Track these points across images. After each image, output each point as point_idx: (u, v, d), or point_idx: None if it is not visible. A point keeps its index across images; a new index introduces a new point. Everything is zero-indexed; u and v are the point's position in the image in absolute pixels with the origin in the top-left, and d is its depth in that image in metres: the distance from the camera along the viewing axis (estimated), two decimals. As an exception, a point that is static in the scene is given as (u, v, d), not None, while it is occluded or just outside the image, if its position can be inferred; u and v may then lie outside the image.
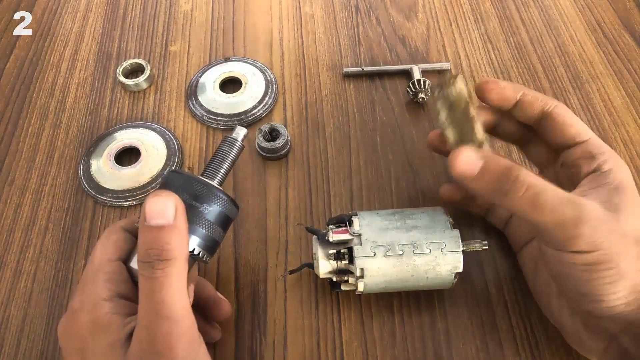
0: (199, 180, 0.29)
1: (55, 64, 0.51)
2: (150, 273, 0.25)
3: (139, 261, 0.25)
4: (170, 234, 0.25)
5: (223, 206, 0.29)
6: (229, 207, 0.30)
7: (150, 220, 0.25)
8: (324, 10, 0.55)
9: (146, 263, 0.25)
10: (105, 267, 0.28)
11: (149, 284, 0.25)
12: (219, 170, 0.31)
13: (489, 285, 0.37)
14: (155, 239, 0.25)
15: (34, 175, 0.43)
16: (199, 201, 0.29)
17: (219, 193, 0.29)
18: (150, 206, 0.25)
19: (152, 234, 0.25)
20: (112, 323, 0.26)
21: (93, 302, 0.26)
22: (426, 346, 0.34)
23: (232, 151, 0.32)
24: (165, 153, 0.44)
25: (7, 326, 0.36)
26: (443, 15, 0.54)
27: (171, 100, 0.48)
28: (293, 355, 0.34)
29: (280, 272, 0.38)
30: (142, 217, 0.25)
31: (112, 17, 0.55)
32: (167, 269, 0.25)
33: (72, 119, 0.47)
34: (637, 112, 0.46)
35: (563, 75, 0.49)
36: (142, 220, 0.25)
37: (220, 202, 0.29)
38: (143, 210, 0.26)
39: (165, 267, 0.25)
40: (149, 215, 0.25)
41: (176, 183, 0.29)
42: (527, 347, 0.34)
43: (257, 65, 0.50)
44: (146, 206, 0.25)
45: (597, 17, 0.53)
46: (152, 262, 0.25)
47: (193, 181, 0.29)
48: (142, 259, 0.25)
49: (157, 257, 0.25)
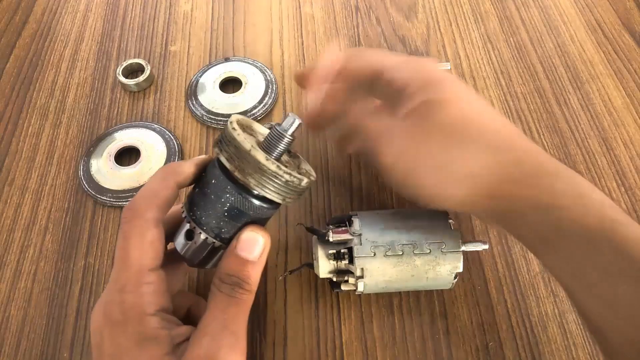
0: (235, 190, 0.28)
1: (55, 64, 0.51)
2: (229, 292, 0.27)
3: (217, 278, 0.28)
4: (253, 269, 0.28)
5: (258, 213, 0.29)
6: (264, 212, 0.29)
7: (240, 251, 0.28)
8: (324, 10, 0.55)
9: (226, 284, 0.27)
10: (146, 277, 0.27)
11: (225, 300, 0.27)
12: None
13: (489, 285, 0.37)
14: (240, 268, 0.28)
15: (34, 175, 0.43)
16: (234, 210, 0.28)
17: (254, 202, 0.28)
18: (247, 237, 0.28)
19: (237, 262, 0.28)
20: (161, 335, 0.26)
21: (138, 316, 0.26)
22: (426, 346, 0.34)
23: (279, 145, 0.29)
24: (165, 153, 0.44)
25: (7, 326, 0.36)
26: (443, 15, 0.54)
27: (171, 100, 0.48)
28: (293, 355, 0.34)
29: (280, 272, 0.38)
30: (233, 242, 0.28)
31: (112, 17, 0.55)
32: (244, 296, 0.27)
33: (72, 119, 0.47)
34: (637, 112, 0.46)
35: (563, 75, 0.49)
36: (232, 245, 0.28)
37: (255, 210, 0.29)
38: (239, 237, 0.28)
39: (243, 293, 0.27)
40: (240, 246, 0.28)
41: (212, 189, 0.28)
42: (527, 347, 0.34)
43: (257, 65, 0.50)
44: (242, 236, 0.28)
45: (597, 17, 0.53)
46: (232, 285, 0.27)
47: (229, 190, 0.28)
48: (222, 279, 0.27)
49: (237, 284, 0.27)
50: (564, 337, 0.34)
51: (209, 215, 0.28)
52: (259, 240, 0.28)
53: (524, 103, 0.47)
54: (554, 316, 0.35)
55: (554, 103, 0.47)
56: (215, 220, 0.28)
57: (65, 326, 0.36)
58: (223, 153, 0.27)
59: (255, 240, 0.28)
